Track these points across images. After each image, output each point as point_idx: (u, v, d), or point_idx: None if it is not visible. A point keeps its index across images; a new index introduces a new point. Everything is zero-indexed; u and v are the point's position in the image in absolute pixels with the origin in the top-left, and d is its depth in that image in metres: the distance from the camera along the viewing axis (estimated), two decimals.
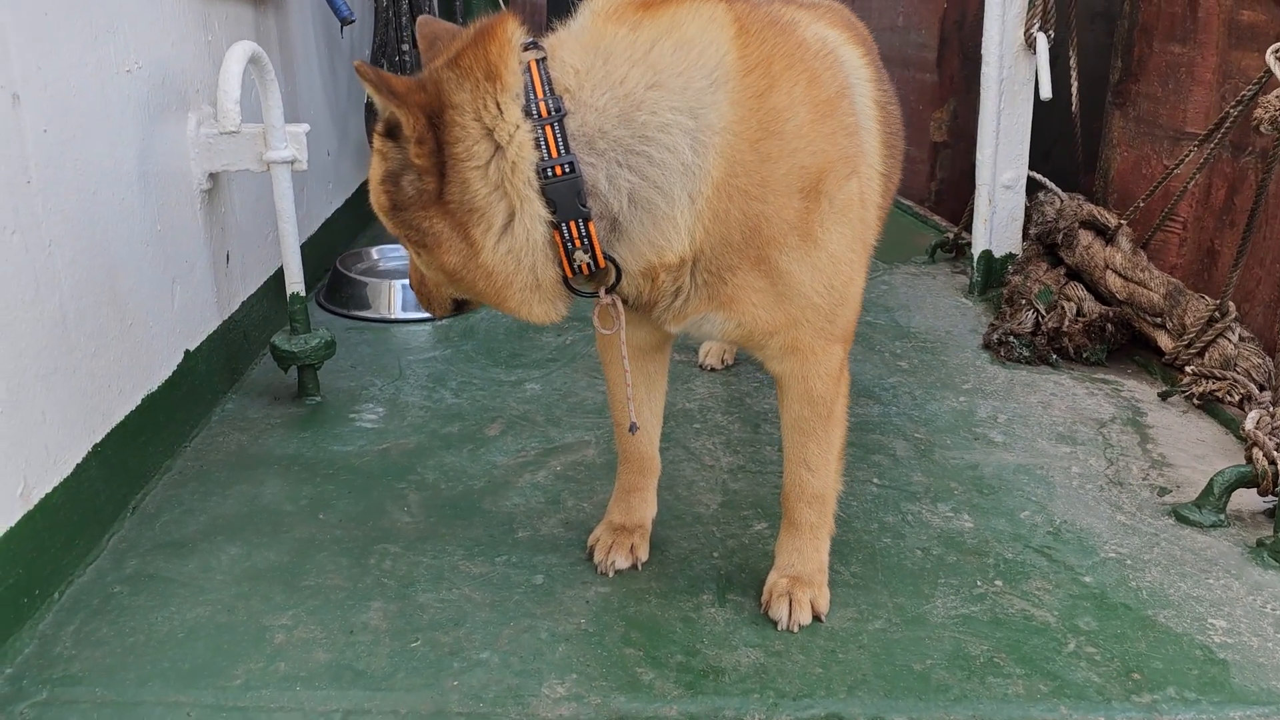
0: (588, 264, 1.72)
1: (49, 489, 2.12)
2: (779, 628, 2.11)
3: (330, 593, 2.21)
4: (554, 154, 1.64)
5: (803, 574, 2.18)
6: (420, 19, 1.91)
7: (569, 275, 1.75)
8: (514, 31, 1.70)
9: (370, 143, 5.15)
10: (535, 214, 1.68)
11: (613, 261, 1.75)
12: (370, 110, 4.51)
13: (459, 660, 2.00)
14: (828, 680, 2.00)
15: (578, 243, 1.69)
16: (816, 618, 2.14)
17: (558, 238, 1.69)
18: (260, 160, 2.81)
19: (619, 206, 1.71)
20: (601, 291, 1.82)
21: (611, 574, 2.27)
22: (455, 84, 1.65)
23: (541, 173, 1.65)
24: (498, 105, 1.65)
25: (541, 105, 1.65)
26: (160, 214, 2.67)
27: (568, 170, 1.65)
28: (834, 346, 2.02)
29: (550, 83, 1.67)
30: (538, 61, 1.68)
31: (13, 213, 2.02)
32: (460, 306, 1.96)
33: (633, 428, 2.11)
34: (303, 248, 3.02)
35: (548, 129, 1.64)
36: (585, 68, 1.70)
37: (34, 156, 2.10)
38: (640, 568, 2.30)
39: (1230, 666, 2.07)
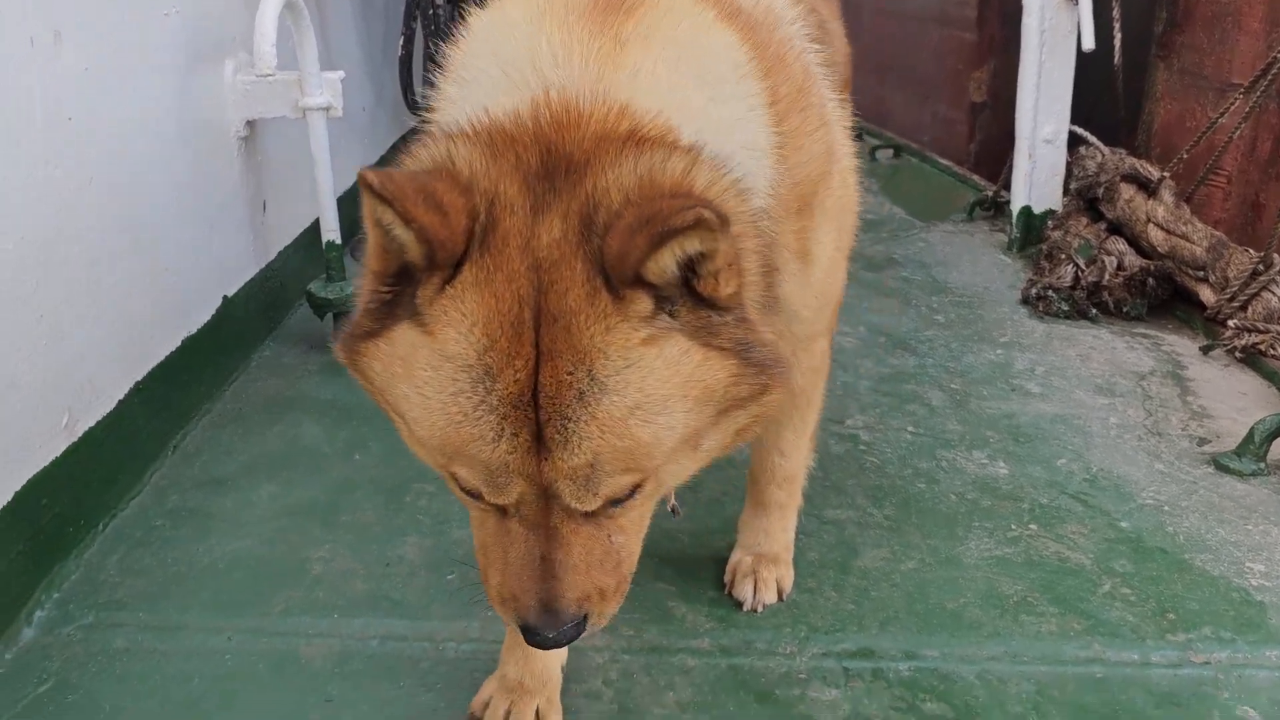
0: None
1: (92, 423, 2.16)
2: (744, 609, 1.99)
3: (366, 529, 2.24)
4: None
5: (768, 552, 2.05)
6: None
7: None
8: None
9: (413, 108, 5.00)
10: None
11: None
12: (405, 66, 4.51)
13: None
14: (860, 616, 2.00)
15: None
16: (780, 597, 2.03)
17: None
18: (296, 107, 2.83)
19: None
20: None
21: None
22: (702, 171, 1.22)
23: None
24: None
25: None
26: (197, 160, 2.70)
27: None
28: (815, 343, 1.84)
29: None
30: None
31: (53, 148, 2.05)
32: None
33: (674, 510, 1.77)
34: (337, 202, 3.04)
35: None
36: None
37: (74, 94, 2.13)
38: None
39: (1268, 608, 2.05)
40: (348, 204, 3.19)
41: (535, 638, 1.24)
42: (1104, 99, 4.17)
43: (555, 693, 1.73)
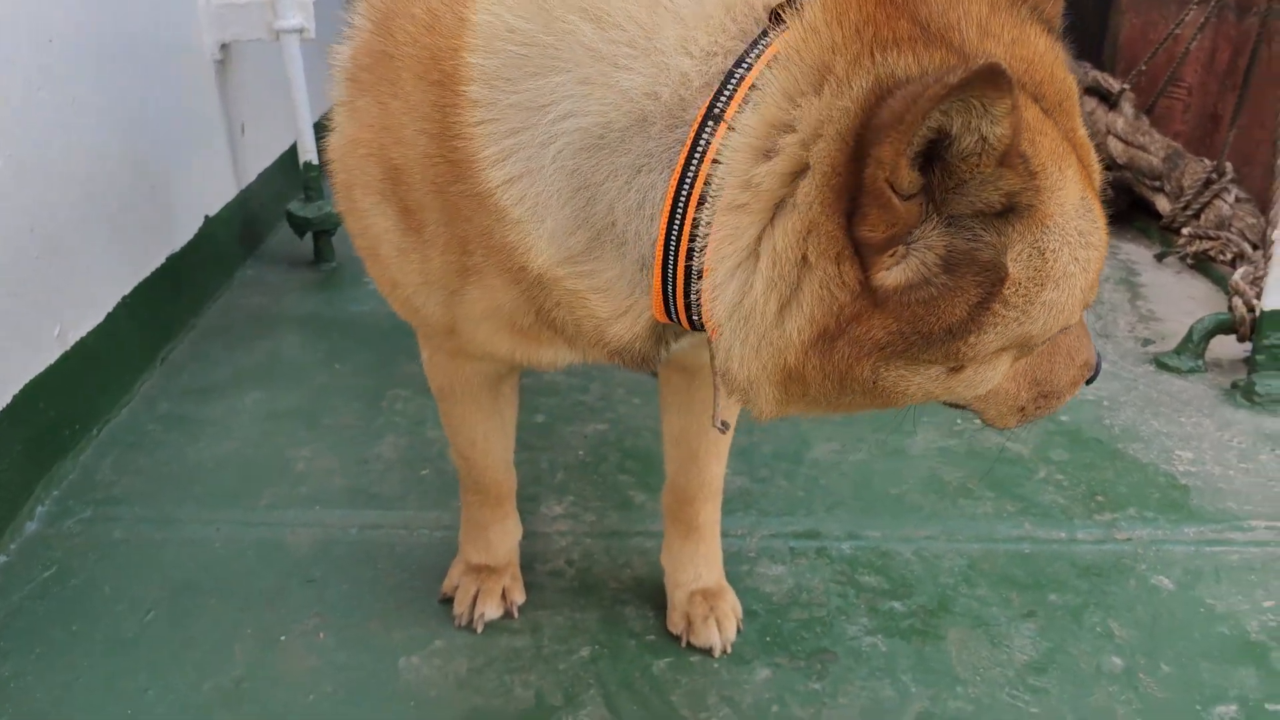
0: None
1: (83, 333, 2.28)
2: (715, 653, 1.77)
3: (346, 430, 2.37)
4: None
5: (712, 584, 1.86)
6: None
7: None
8: None
9: None
10: None
11: None
12: None
13: None
14: (809, 502, 2.14)
15: None
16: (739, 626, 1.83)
17: None
18: (270, 30, 2.89)
19: None
20: None
21: (481, 627, 1.81)
22: None
23: None
24: None
25: None
26: (176, 82, 2.77)
27: None
28: None
29: None
30: None
31: (39, 71, 2.13)
32: None
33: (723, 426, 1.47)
34: (315, 126, 3.11)
35: None
36: None
37: (55, 16, 2.20)
38: (518, 614, 1.85)
39: (1191, 491, 2.19)
40: (323, 133, 3.27)
41: (1100, 362, 1.33)
42: (1072, 12, 4.22)
43: (516, 570, 1.88)
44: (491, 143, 1.18)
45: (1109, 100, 3.69)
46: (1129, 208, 3.65)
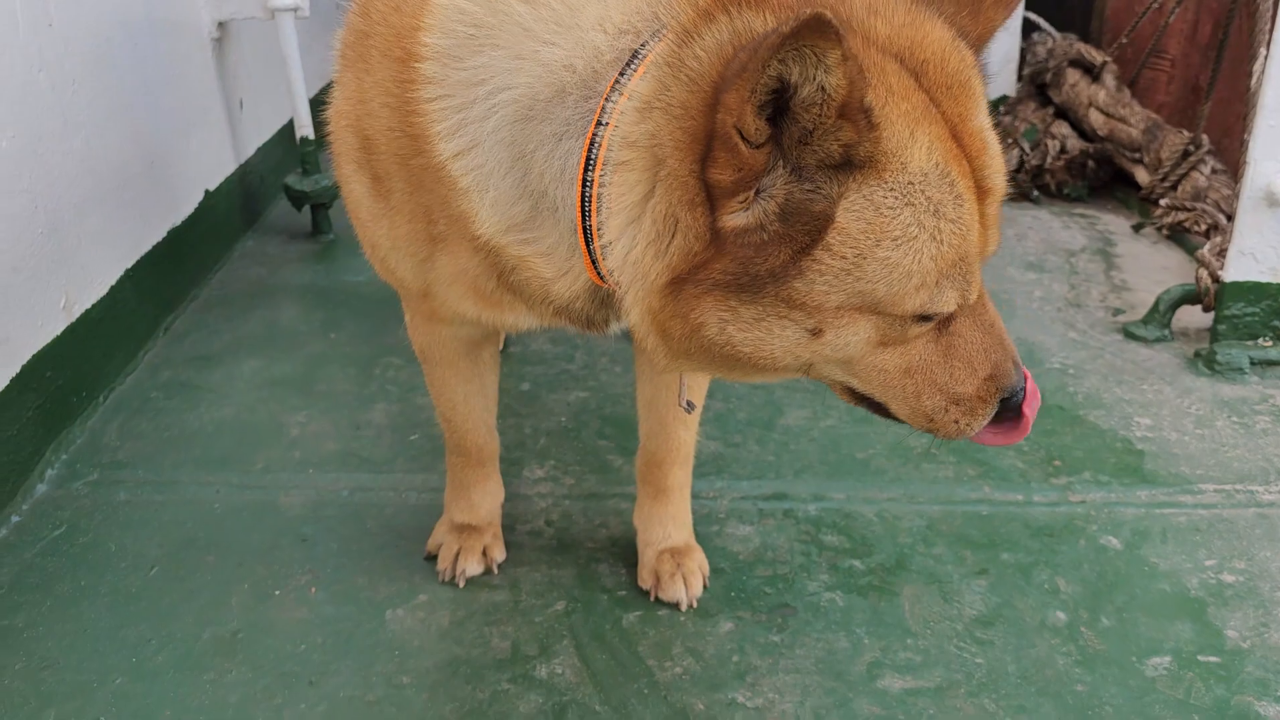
0: None
1: (88, 305, 2.38)
2: (682, 608, 1.87)
3: (339, 397, 2.48)
4: None
5: (679, 543, 1.94)
6: None
7: None
8: None
9: None
10: None
11: None
12: None
13: None
14: (778, 466, 2.25)
15: None
16: (706, 583, 1.93)
17: None
18: (265, 8, 2.97)
19: None
20: None
21: (463, 583, 1.92)
22: None
23: None
24: None
25: None
26: (173, 61, 2.86)
27: None
28: None
29: None
30: None
31: (38, 53, 2.22)
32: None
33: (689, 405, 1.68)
34: (311, 104, 3.20)
35: None
36: None
37: (53, 1, 2.28)
38: (497, 570, 1.95)
39: (1146, 456, 2.29)
40: (319, 110, 3.36)
41: (1021, 392, 1.29)
42: None
43: (498, 530, 1.99)
44: (443, 118, 1.28)
45: (1092, 73, 3.75)
46: (1110, 179, 3.72)
